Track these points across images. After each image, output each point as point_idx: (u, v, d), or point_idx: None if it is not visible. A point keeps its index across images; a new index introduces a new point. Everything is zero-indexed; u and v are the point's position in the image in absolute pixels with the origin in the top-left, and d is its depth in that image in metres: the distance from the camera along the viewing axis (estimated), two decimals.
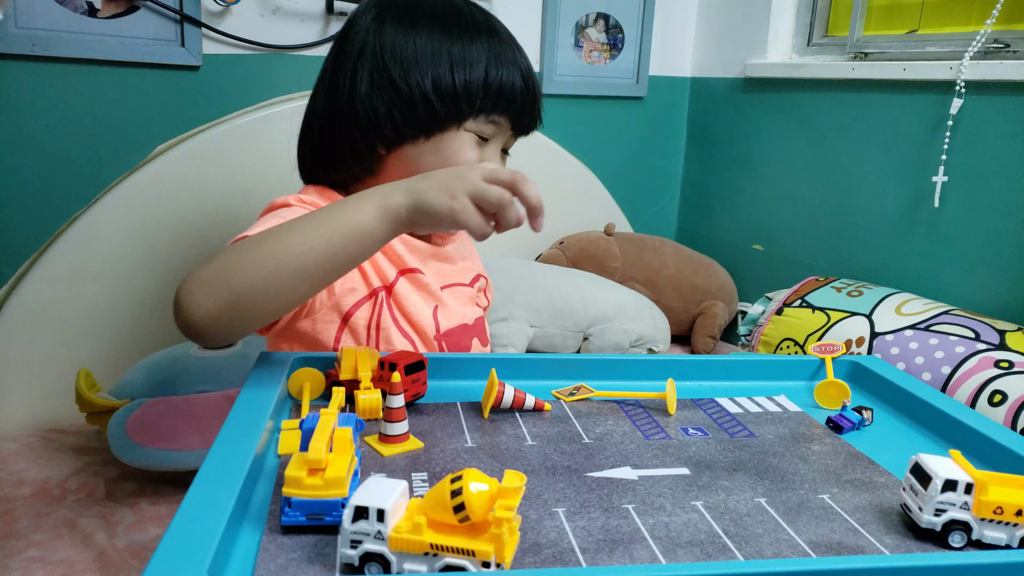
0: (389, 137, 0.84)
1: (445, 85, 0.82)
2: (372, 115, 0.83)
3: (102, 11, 1.34)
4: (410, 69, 0.82)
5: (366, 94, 0.83)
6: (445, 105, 0.83)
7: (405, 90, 0.82)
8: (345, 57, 0.85)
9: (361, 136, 0.84)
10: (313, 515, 0.45)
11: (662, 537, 0.48)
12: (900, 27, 1.69)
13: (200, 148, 1.44)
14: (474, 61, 0.83)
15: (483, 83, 0.83)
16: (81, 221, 1.36)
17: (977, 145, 1.43)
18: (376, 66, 0.83)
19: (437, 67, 0.82)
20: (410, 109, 0.83)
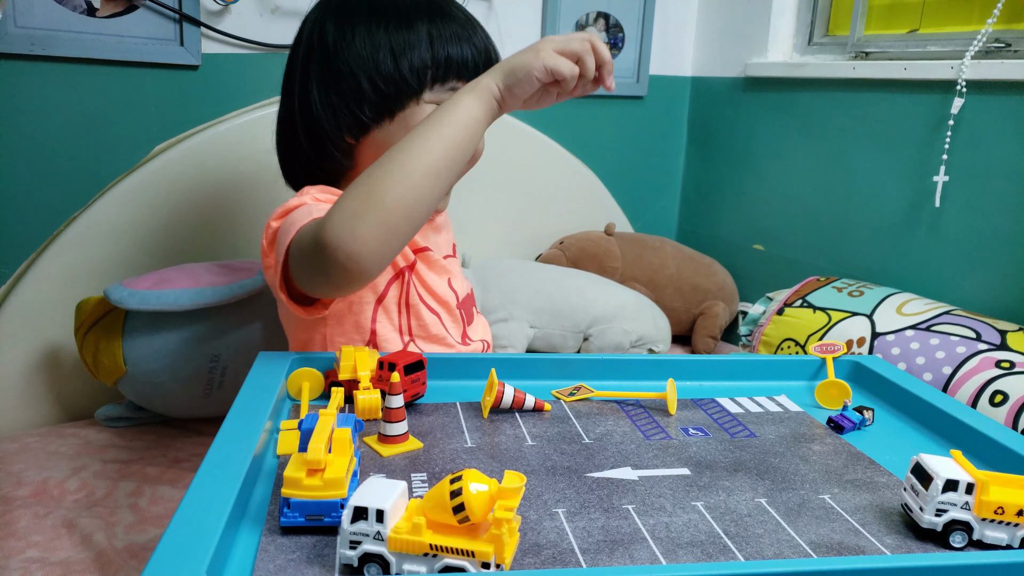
0: (352, 127, 0.86)
1: (388, 73, 0.84)
2: (329, 111, 0.85)
3: (101, 10, 1.34)
4: (353, 64, 0.84)
5: (320, 94, 0.86)
6: (393, 88, 0.84)
7: (352, 83, 0.84)
8: (296, 61, 0.89)
9: (325, 133, 0.86)
10: (312, 516, 0.45)
11: (662, 538, 0.48)
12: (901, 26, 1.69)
13: (199, 148, 1.44)
14: (414, 44, 0.84)
15: (430, 62, 0.85)
16: (80, 221, 1.35)
17: (978, 145, 1.43)
18: (323, 66, 0.85)
19: (378, 59, 0.84)
20: (362, 99, 0.85)
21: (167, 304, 1.13)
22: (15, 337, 1.33)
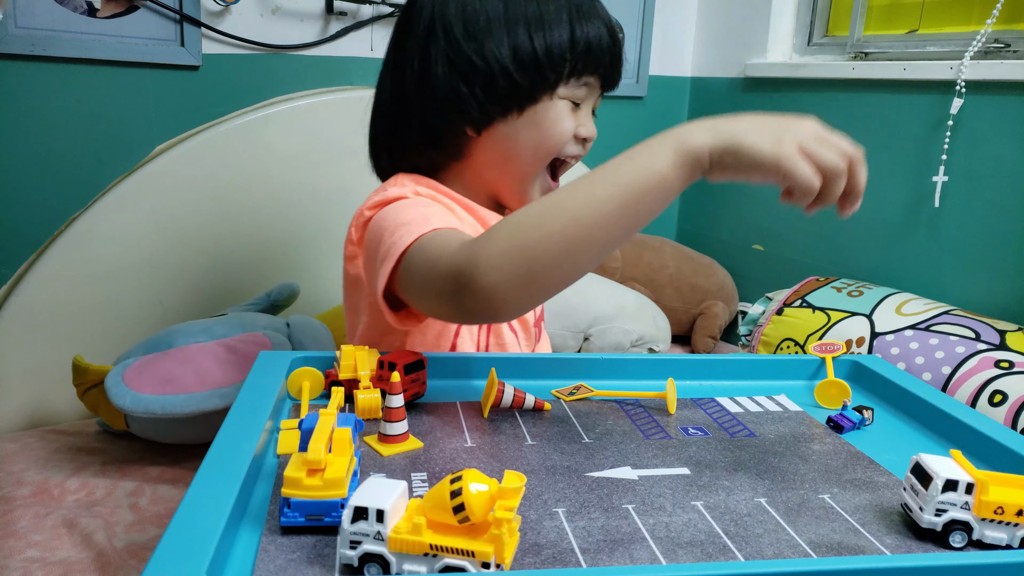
0: (477, 118, 0.79)
1: (526, 53, 0.76)
2: (453, 97, 0.77)
3: (102, 11, 1.34)
4: (485, 41, 0.76)
5: (443, 76, 0.77)
6: (530, 75, 0.77)
7: (483, 66, 0.76)
8: (412, 38, 0.79)
9: (443, 121, 0.79)
10: (312, 516, 0.45)
11: (662, 537, 0.48)
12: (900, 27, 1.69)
13: (200, 148, 1.44)
14: (554, 20, 0.76)
15: (569, 43, 0.77)
16: (80, 221, 1.35)
17: (977, 145, 1.43)
18: (449, 44, 0.77)
19: (514, 34, 0.76)
20: (493, 85, 0.77)
21: (171, 411, 1.08)
22: (16, 337, 1.33)
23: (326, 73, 1.59)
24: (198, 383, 1.10)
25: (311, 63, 1.57)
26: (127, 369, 1.11)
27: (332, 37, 1.58)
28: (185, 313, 1.47)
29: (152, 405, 1.07)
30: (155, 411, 1.07)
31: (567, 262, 0.57)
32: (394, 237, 0.69)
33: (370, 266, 0.74)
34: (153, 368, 1.11)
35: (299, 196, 1.56)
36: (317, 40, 1.57)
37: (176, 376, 1.10)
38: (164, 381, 1.09)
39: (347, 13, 1.59)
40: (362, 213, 0.78)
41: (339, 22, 1.59)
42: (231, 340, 1.18)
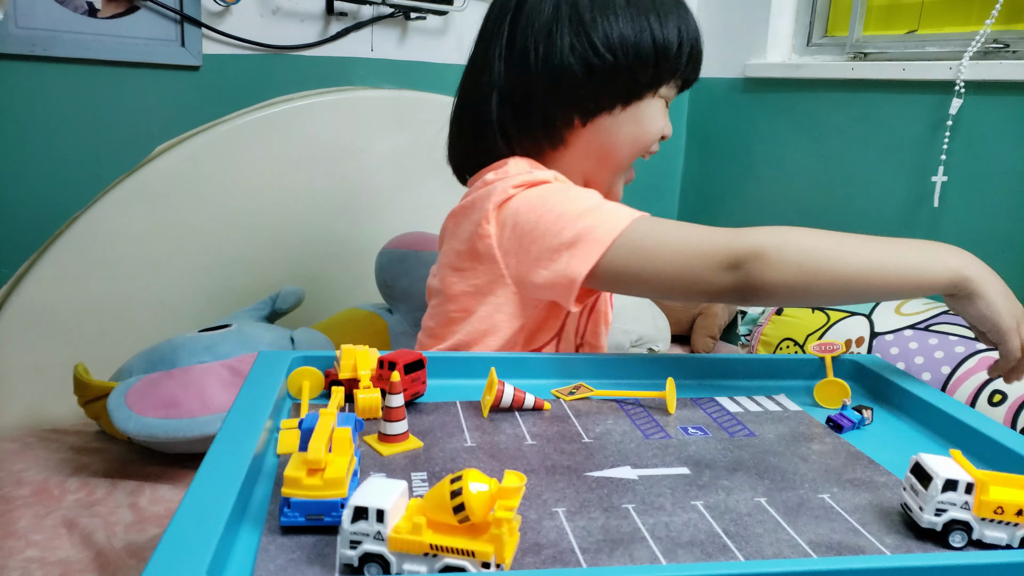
0: (587, 108, 0.82)
1: (646, 51, 0.80)
2: (571, 84, 0.80)
3: (102, 11, 1.34)
4: (611, 34, 0.79)
5: (565, 64, 0.80)
6: (649, 71, 0.82)
7: (609, 58, 0.80)
8: (528, 23, 0.81)
9: (557, 107, 0.82)
10: (312, 515, 0.45)
11: (662, 537, 0.48)
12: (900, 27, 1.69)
13: (200, 148, 1.44)
14: (669, 21, 0.81)
15: (678, 43, 0.82)
16: (81, 221, 1.35)
17: (977, 145, 1.43)
18: (575, 32, 0.79)
19: (639, 32, 0.80)
20: (612, 77, 0.81)
21: (174, 435, 1.07)
22: (16, 337, 1.33)
23: (326, 73, 1.60)
24: (201, 407, 1.09)
25: (311, 63, 1.57)
26: (130, 390, 1.10)
27: (332, 38, 1.58)
28: (185, 313, 1.47)
29: (155, 430, 1.06)
30: (158, 435, 1.07)
31: (832, 299, 0.72)
32: (594, 219, 0.74)
33: (528, 248, 0.76)
34: (156, 391, 1.10)
35: (299, 196, 1.56)
36: (317, 40, 1.57)
37: (180, 400, 1.09)
38: (167, 405, 1.08)
39: (347, 14, 1.59)
40: (504, 190, 0.78)
41: (339, 22, 1.59)
42: (234, 361, 1.17)
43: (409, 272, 1.39)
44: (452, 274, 0.83)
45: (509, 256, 0.78)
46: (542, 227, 0.76)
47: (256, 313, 1.37)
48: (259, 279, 1.54)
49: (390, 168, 1.67)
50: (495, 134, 0.84)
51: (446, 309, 0.84)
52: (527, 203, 0.78)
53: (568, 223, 0.74)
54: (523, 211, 0.77)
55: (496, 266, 0.79)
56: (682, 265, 0.72)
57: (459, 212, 0.84)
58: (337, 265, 1.65)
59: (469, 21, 1.73)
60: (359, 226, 1.66)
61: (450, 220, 0.86)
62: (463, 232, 0.82)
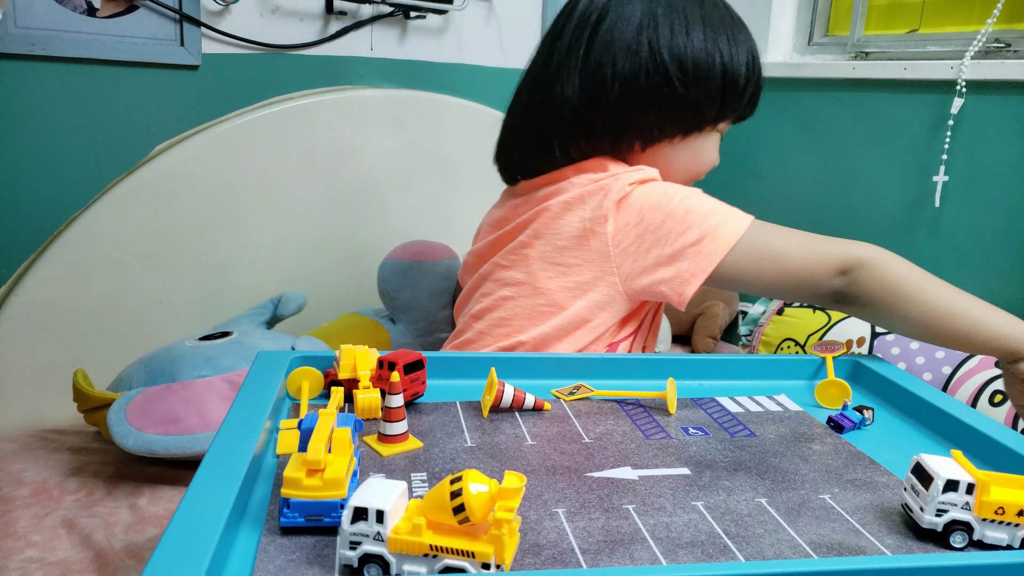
0: (651, 135, 0.85)
1: (715, 88, 0.84)
2: (640, 111, 0.83)
3: (101, 11, 1.34)
4: (685, 70, 0.82)
5: (638, 89, 0.82)
6: (715, 105, 0.85)
7: (682, 92, 0.82)
8: (609, 41, 0.82)
9: (624, 128, 0.84)
10: (312, 516, 0.45)
11: (663, 538, 0.48)
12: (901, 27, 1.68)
13: (199, 148, 1.44)
14: (740, 60, 0.84)
15: (744, 82, 0.85)
16: (80, 221, 1.35)
17: (978, 145, 1.43)
18: (653, 62, 0.82)
19: (711, 70, 0.83)
20: (680, 109, 0.84)
21: (174, 451, 1.07)
22: (16, 337, 1.33)
23: (326, 73, 1.59)
24: (201, 424, 1.09)
25: (311, 63, 1.57)
26: (130, 404, 1.10)
27: (332, 37, 1.58)
28: (185, 313, 1.47)
29: (155, 446, 1.07)
30: (158, 452, 1.07)
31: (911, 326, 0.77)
32: (718, 219, 0.79)
33: (650, 245, 0.80)
34: (156, 407, 1.10)
35: (299, 196, 1.56)
36: (317, 40, 1.57)
37: (180, 416, 1.09)
38: (167, 421, 1.08)
39: (347, 13, 1.59)
40: (622, 188, 0.80)
41: (339, 22, 1.58)
42: (234, 375, 1.17)
43: (413, 284, 1.38)
44: (549, 268, 0.84)
45: (625, 254, 0.80)
46: (668, 225, 0.79)
47: (256, 318, 1.36)
48: (258, 279, 1.54)
49: (390, 168, 1.66)
50: (562, 143, 0.86)
51: (532, 303, 0.85)
52: (649, 200, 0.81)
53: (694, 221, 0.79)
54: (647, 208, 0.80)
55: (607, 264, 0.81)
56: (800, 267, 0.78)
57: (559, 207, 0.83)
58: (336, 265, 1.65)
59: (469, 20, 1.73)
60: (359, 226, 1.66)
61: (543, 215, 0.85)
62: (567, 227, 0.82)
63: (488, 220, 0.97)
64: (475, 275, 0.93)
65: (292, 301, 1.39)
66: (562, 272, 0.83)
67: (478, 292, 0.91)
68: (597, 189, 0.81)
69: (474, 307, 0.91)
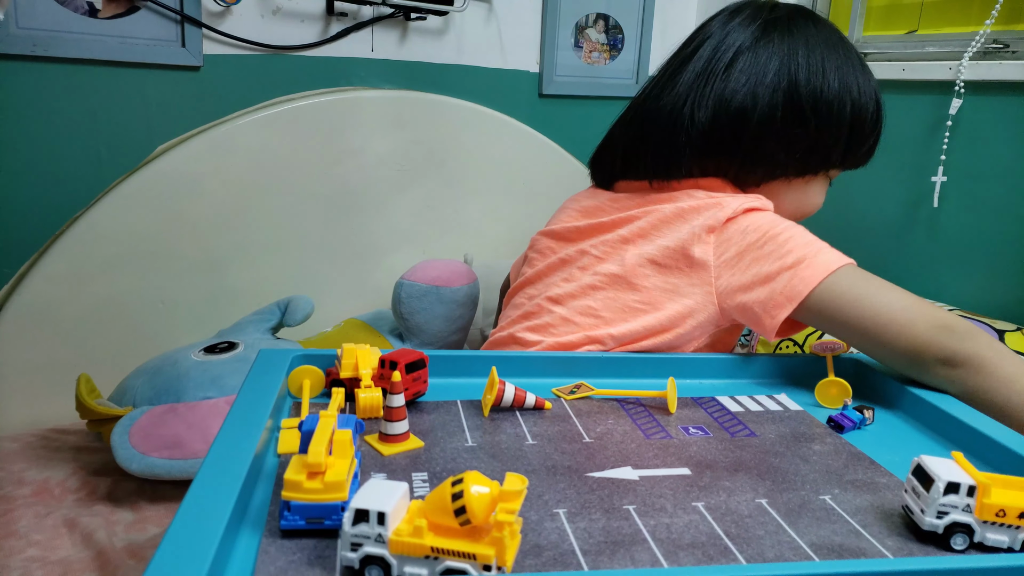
0: (770, 171, 0.87)
1: (843, 132, 0.86)
2: (770, 147, 0.85)
3: (103, 11, 1.34)
4: (819, 112, 0.84)
5: (773, 127, 0.84)
6: (839, 154, 0.87)
7: (814, 135, 0.85)
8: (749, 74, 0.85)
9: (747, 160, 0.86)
10: (313, 519, 0.45)
11: (663, 539, 0.48)
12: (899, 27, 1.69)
13: (200, 148, 1.44)
14: (868, 106, 0.86)
15: (871, 128, 0.87)
16: (81, 221, 1.35)
17: (976, 145, 1.43)
18: (790, 101, 0.84)
19: (842, 113, 0.85)
20: (808, 152, 0.86)
21: (177, 475, 1.08)
22: (17, 337, 1.33)
23: (327, 74, 1.59)
24: (205, 448, 1.09)
25: (312, 64, 1.57)
26: (133, 426, 1.10)
27: (333, 38, 1.58)
28: (185, 313, 1.47)
29: (158, 470, 1.07)
30: (161, 475, 1.08)
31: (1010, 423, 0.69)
32: (817, 248, 0.78)
33: (748, 264, 0.79)
34: (160, 430, 1.10)
35: (300, 197, 1.56)
36: (318, 41, 1.57)
37: (184, 441, 1.09)
38: (171, 445, 1.09)
39: (348, 14, 1.59)
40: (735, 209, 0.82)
41: (340, 23, 1.59)
42: None
43: (428, 308, 1.38)
44: (649, 265, 0.84)
45: (724, 267, 0.81)
46: (769, 247, 0.79)
47: (262, 324, 1.36)
48: (259, 279, 1.54)
49: (390, 168, 1.67)
50: (688, 160, 0.87)
51: (627, 297, 0.84)
52: (756, 222, 0.81)
53: (794, 248, 0.78)
54: (751, 229, 0.81)
55: (706, 274, 0.81)
56: (890, 328, 0.73)
57: (672, 212, 0.85)
58: (336, 265, 1.65)
59: (469, 22, 1.73)
60: (359, 226, 1.66)
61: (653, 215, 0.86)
62: (676, 232, 0.83)
63: (575, 206, 0.98)
64: (553, 257, 0.93)
65: (299, 310, 1.38)
66: (661, 273, 0.84)
67: (558, 275, 0.91)
68: (713, 204, 0.83)
69: (552, 290, 0.90)
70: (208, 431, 1.11)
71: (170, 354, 1.26)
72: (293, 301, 1.39)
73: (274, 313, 1.38)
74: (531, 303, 0.92)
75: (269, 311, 1.38)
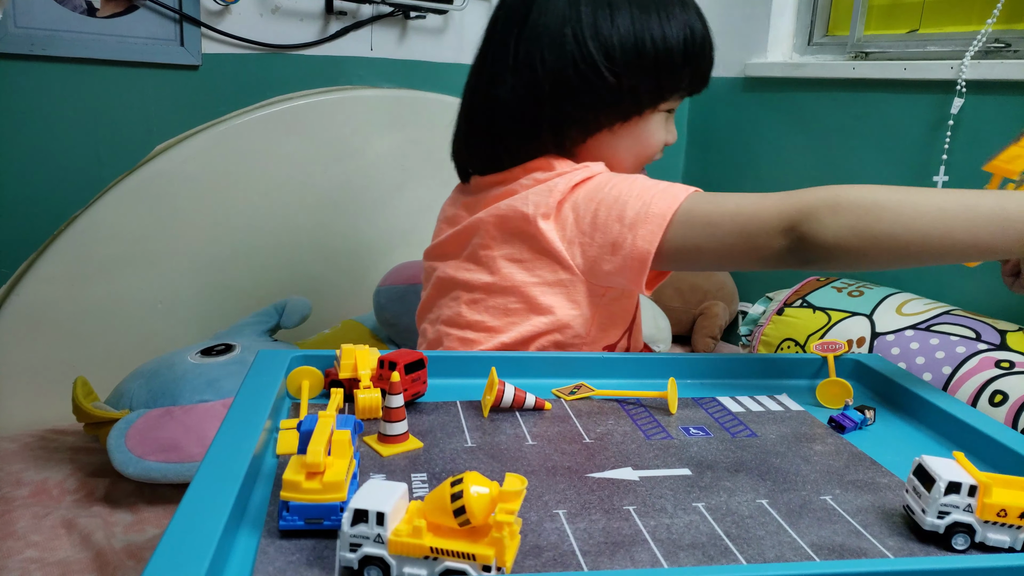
0: (588, 126, 0.83)
1: (649, 72, 0.81)
2: (573, 103, 0.81)
3: (101, 10, 1.34)
4: (613, 52, 0.80)
5: (568, 82, 0.80)
6: (648, 89, 0.82)
7: (611, 80, 0.80)
8: (535, 37, 0.81)
9: (561, 123, 0.82)
10: (311, 520, 0.45)
11: (663, 539, 0.48)
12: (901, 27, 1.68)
13: (200, 148, 1.44)
14: (674, 38, 0.81)
15: (682, 60, 0.82)
16: (80, 221, 1.35)
17: (978, 145, 1.43)
18: (580, 53, 0.80)
19: (642, 54, 0.80)
20: (613, 97, 0.81)
21: (173, 478, 1.08)
22: (16, 337, 1.33)
23: (326, 73, 1.59)
24: (202, 452, 1.09)
25: (311, 63, 1.57)
26: (130, 429, 1.10)
27: (332, 37, 1.58)
28: (185, 313, 1.47)
29: (155, 473, 1.08)
30: (157, 479, 1.08)
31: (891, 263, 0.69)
32: (650, 198, 0.75)
33: (593, 237, 0.78)
34: (157, 433, 1.10)
35: (299, 195, 1.56)
36: (317, 40, 1.57)
37: (180, 444, 1.10)
38: (168, 448, 1.09)
39: (347, 13, 1.58)
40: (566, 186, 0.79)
41: (339, 22, 1.58)
42: None
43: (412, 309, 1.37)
44: (512, 265, 0.83)
45: (574, 247, 0.80)
46: (602, 215, 0.77)
47: (259, 326, 1.36)
48: (258, 278, 1.54)
49: (390, 168, 1.66)
50: (507, 145, 0.85)
51: (506, 303, 0.83)
52: (585, 195, 0.79)
53: (626, 206, 0.76)
54: (582, 203, 0.79)
55: (562, 259, 0.80)
56: (741, 234, 0.72)
57: (507, 208, 0.82)
58: (336, 265, 1.65)
59: (469, 20, 1.73)
60: (358, 225, 1.66)
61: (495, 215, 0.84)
62: (523, 226, 0.82)
63: (442, 216, 0.96)
64: (434, 278, 0.91)
65: (296, 312, 1.38)
66: (526, 270, 0.82)
67: (446, 296, 0.89)
68: (543, 189, 0.81)
69: (444, 312, 0.89)
70: (205, 434, 1.11)
71: (167, 356, 1.25)
72: (290, 303, 1.39)
73: (271, 315, 1.38)
74: (433, 330, 0.91)
75: (266, 313, 1.38)
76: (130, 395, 1.17)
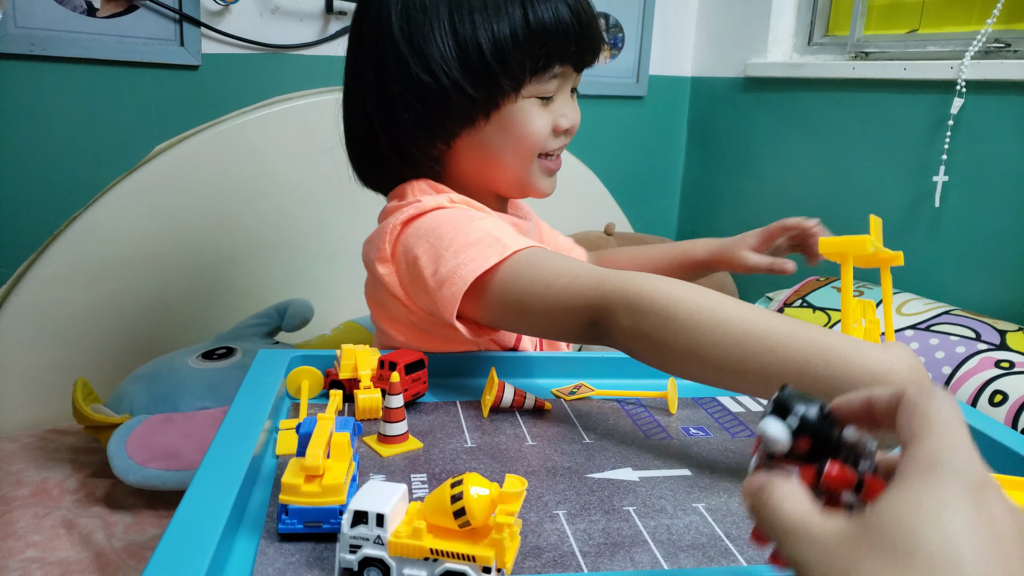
0: (445, 133, 0.76)
1: (475, 61, 0.71)
2: (415, 120, 0.74)
3: (101, 11, 1.34)
4: (429, 53, 0.71)
5: (398, 96, 0.73)
6: (484, 86, 0.72)
7: (433, 83, 0.72)
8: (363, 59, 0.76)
9: (411, 142, 0.76)
10: (310, 523, 0.45)
11: (663, 540, 0.48)
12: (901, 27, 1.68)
13: (199, 148, 1.44)
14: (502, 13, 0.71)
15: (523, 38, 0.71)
16: (80, 221, 1.35)
17: (978, 145, 1.43)
18: (397, 60, 0.72)
19: (461, 40, 0.71)
20: (447, 102, 0.73)
21: (173, 485, 1.08)
22: (16, 337, 1.33)
23: (326, 73, 1.59)
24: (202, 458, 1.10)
25: (311, 63, 1.57)
26: (130, 435, 1.10)
27: (332, 37, 1.58)
28: (185, 313, 1.47)
29: (154, 480, 1.08)
30: (156, 485, 1.08)
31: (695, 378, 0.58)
32: (462, 258, 0.67)
33: (417, 282, 0.70)
34: (157, 440, 1.10)
35: (299, 196, 1.56)
36: (317, 40, 1.57)
37: (180, 451, 1.09)
38: (168, 455, 1.09)
39: (347, 13, 1.58)
40: (395, 226, 0.73)
41: (339, 22, 1.58)
42: None
43: None
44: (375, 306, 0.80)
45: (409, 291, 0.74)
46: (419, 267, 0.70)
47: (260, 328, 1.35)
48: (258, 279, 1.54)
49: None
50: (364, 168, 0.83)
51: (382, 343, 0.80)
52: (413, 238, 0.72)
53: (446, 259, 0.68)
54: (409, 247, 0.72)
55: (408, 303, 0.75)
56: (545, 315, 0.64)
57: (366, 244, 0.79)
58: (336, 265, 1.64)
59: None
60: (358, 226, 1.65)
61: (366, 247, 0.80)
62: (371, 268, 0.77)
63: None
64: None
65: (297, 315, 1.37)
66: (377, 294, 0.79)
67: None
68: (381, 228, 0.76)
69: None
70: (205, 441, 1.11)
71: (167, 359, 1.25)
72: (292, 305, 1.38)
73: (272, 317, 1.38)
74: None
75: (267, 315, 1.38)
76: (130, 398, 1.17)
